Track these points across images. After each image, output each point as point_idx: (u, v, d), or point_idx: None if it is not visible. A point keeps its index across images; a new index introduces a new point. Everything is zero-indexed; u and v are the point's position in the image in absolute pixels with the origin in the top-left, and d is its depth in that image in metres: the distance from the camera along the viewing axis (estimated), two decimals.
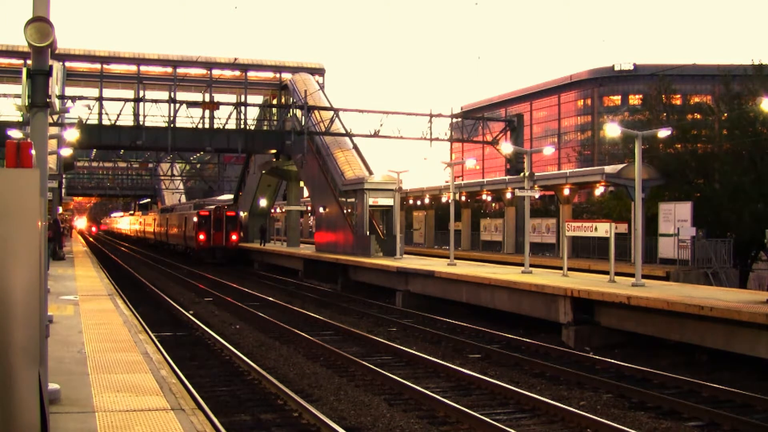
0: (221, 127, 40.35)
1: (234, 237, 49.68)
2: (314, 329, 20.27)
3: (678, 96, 38.12)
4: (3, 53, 44.61)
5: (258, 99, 52.05)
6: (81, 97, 37.20)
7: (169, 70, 48.10)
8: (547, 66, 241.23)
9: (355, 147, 39.98)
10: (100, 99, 38.64)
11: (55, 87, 8.14)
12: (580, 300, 18.25)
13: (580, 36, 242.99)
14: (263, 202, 51.63)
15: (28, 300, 4.44)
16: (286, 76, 47.87)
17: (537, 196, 32.18)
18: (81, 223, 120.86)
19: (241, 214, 52.41)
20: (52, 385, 7.85)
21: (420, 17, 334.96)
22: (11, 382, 4.38)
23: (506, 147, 36.03)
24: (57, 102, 8.54)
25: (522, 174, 26.82)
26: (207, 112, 40.09)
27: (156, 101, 38.98)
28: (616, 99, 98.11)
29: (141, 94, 44.29)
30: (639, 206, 21.19)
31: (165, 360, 11.76)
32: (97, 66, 46.98)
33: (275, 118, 47.10)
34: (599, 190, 36.48)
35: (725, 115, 31.35)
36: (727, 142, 30.13)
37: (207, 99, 44.90)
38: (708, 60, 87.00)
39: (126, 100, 39.30)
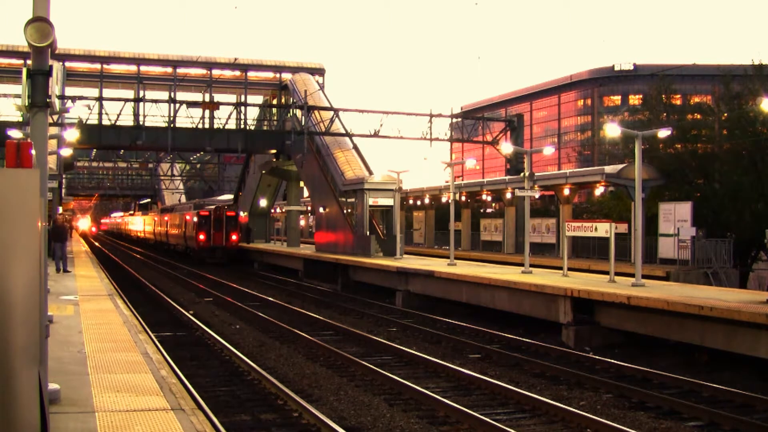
0: (221, 127, 40.32)
1: (234, 237, 49.63)
2: (314, 329, 20.27)
3: (678, 96, 38.09)
4: (3, 53, 44.61)
5: (258, 99, 52.06)
6: (81, 97, 37.19)
7: (169, 70, 48.11)
8: (547, 66, 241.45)
9: (355, 147, 39.97)
10: (100, 99, 38.61)
11: (55, 87, 8.14)
12: (580, 300, 18.25)
13: (580, 36, 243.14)
14: (263, 202, 51.64)
15: (28, 300, 4.44)
16: (286, 76, 47.87)
17: (537, 196, 32.17)
18: (84, 223, 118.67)
19: (242, 213, 52.40)
20: (52, 385, 7.85)
21: (420, 17, 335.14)
22: (11, 382, 4.38)
23: (506, 147, 36.02)
24: (57, 102, 8.55)
25: (522, 174, 26.81)
26: (207, 112, 40.06)
27: (156, 101, 38.96)
28: (616, 99, 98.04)
29: (141, 94, 44.29)
30: (639, 206, 21.19)
31: (165, 360, 11.75)
32: (97, 66, 47.01)
33: (275, 118, 47.10)
34: (599, 190, 36.50)
35: (725, 115, 31.34)
36: (727, 142, 30.13)
37: (207, 99, 44.91)
38: (708, 60, 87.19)
39: (126, 100, 39.27)
